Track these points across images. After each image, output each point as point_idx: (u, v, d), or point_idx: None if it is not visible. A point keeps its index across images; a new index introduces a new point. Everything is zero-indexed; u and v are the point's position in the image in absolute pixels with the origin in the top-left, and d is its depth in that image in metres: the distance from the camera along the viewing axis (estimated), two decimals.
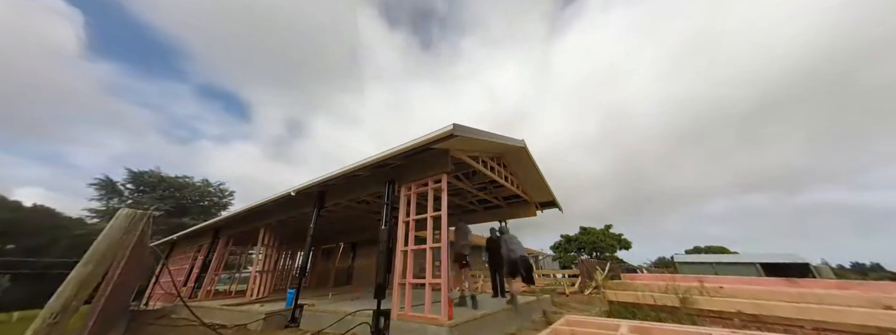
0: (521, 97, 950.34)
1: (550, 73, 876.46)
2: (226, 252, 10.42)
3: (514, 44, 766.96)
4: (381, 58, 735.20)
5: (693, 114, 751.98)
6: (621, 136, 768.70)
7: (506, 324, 4.83)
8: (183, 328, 5.98)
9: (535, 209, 8.23)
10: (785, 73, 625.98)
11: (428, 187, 4.82)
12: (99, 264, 2.37)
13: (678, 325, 3.04)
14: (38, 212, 25.37)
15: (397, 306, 4.26)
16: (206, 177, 29.59)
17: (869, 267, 76.21)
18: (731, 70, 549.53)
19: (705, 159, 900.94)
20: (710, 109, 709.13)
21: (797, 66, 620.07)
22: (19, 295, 19.76)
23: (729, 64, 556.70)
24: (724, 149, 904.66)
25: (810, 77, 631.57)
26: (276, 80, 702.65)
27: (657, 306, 4.46)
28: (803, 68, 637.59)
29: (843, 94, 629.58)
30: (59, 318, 2.08)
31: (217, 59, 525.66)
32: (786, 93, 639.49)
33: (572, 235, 45.65)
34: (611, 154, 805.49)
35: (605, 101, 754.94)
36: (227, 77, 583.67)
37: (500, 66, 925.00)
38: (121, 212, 2.63)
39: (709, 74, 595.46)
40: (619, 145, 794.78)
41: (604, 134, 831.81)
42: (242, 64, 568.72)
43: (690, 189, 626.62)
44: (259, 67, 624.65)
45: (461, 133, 4.18)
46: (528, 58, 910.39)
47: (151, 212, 3.07)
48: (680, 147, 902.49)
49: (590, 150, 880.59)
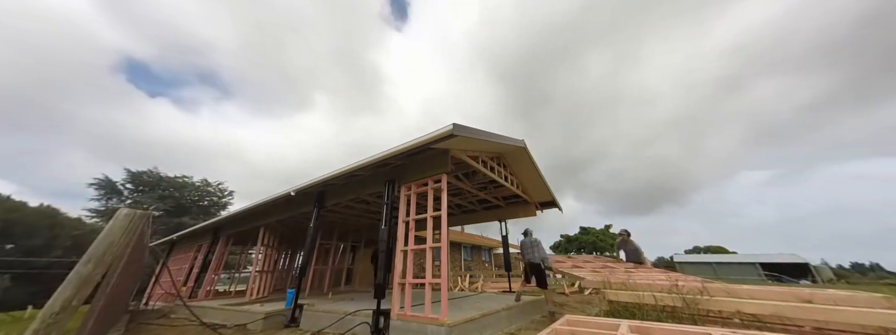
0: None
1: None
2: (225, 252, 10.41)
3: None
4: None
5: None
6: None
7: (506, 324, 4.83)
8: (182, 328, 5.98)
9: (535, 209, 8.23)
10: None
11: (428, 187, 4.82)
12: (98, 264, 2.37)
13: (678, 325, 3.03)
14: (37, 212, 25.36)
15: (397, 306, 4.26)
16: (206, 177, 29.57)
17: (868, 267, 76.29)
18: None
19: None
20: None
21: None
22: (20, 294, 19.75)
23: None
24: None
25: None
26: None
27: (657, 306, 4.45)
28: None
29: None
30: (58, 318, 2.07)
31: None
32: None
33: (572, 235, 45.76)
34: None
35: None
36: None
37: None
38: (120, 212, 2.63)
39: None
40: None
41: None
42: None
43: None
44: None
45: (461, 133, 4.18)
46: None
47: (151, 212, 3.07)
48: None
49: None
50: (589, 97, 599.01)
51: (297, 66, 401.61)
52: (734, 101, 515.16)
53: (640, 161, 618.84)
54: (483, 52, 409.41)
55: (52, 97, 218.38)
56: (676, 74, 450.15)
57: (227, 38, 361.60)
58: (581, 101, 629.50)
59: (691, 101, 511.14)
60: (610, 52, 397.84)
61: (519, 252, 7.13)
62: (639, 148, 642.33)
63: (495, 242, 24.10)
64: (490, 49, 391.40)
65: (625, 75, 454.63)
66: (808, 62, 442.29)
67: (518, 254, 8.70)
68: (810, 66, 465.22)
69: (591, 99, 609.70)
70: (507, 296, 6.93)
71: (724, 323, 3.87)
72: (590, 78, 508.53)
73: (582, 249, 43.69)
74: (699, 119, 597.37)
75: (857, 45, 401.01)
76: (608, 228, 45.26)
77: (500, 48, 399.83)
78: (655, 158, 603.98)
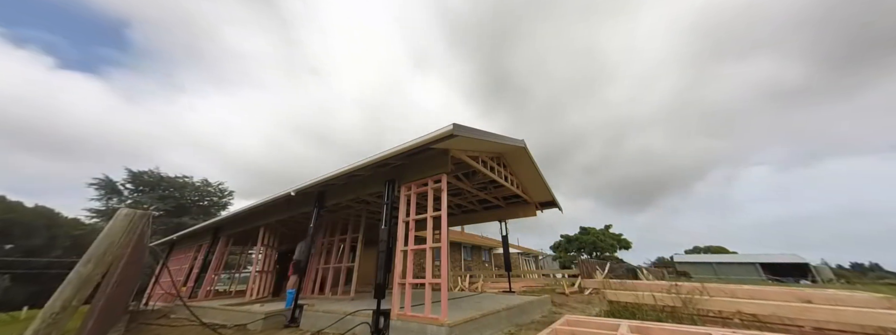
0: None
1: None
2: (225, 252, 10.41)
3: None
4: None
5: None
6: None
7: (506, 324, 4.83)
8: (182, 328, 5.98)
9: (536, 209, 8.23)
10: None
11: (428, 187, 4.82)
12: (98, 264, 2.37)
13: (678, 325, 3.04)
14: (33, 212, 25.38)
15: (397, 306, 4.26)
16: (206, 178, 29.59)
17: (868, 267, 76.32)
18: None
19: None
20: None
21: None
22: (20, 295, 19.76)
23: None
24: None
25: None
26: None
27: (657, 306, 4.46)
28: None
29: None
30: (58, 318, 2.07)
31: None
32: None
33: (572, 235, 45.76)
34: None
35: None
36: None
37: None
38: (120, 212, 2.63)
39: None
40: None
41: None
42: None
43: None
44: None
45: (461, 133, 4.18)
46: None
47: (151, 212, 3.07)
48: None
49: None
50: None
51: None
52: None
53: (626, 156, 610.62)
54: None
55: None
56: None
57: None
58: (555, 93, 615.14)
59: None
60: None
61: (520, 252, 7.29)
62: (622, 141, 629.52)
63: (495, 242, 24.11)
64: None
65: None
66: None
67: (519, 255, 8.89)
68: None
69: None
70: (508, 296, 6.94)
71: (724, 323, 3.87)
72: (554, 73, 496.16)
73: (582, 249, 43.70)
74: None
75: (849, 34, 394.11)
76: (608, 228, 45.26)
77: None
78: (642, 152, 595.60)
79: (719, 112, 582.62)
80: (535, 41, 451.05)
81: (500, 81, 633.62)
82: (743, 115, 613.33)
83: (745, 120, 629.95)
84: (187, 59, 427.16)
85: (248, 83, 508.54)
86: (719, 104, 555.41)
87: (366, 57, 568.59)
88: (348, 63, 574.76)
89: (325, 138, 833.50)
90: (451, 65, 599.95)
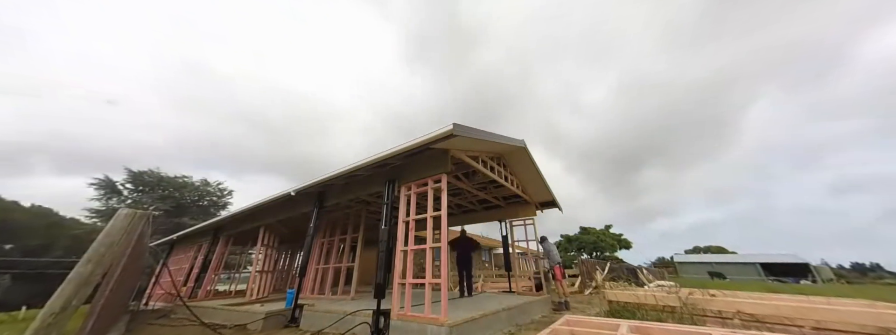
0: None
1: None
2: (225, 252, 10.41)
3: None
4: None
5: None
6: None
7: (506, 324, 4.83)
8: (183, 328, 5.98)
9: (536, 209, 8.23)
10: None
11: (428, 187, 4.82)
12: (98, 264, 2.37)
13: (678, 325, 3.03)
14: (32, 212, 25.40)
15: (397, 306, 4.26)
16: (205, 177, 29.59)
17: (868, 267, 76.29)
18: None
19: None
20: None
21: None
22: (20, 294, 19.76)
23: None
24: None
25: None
26: None
27: (657, 306, 4.46)
28: None
29: None
30: (58, 318, 2.07)
31: None
32: None
33: (572, 235, 45.76)
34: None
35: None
36: None
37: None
38: (120, 212, 2.63)
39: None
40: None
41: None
42: None
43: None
44: None
45: (461, 133, 4.18)
46: None
47: (151, 212, 3.07)
48: None
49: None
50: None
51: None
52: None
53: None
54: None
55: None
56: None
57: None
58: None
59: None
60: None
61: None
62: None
63: (495, 242, 24.11)
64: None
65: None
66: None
67: (519, 254, 9.25)
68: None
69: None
70: (508, 296, 6.94)
71: (724, 323, 3.87)
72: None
73: (582, 249, 43.69)
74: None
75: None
76: (608, 228, 45.25)
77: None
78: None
79: None
80: None
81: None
82: None
83: None
84: None
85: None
86: None
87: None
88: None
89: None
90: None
